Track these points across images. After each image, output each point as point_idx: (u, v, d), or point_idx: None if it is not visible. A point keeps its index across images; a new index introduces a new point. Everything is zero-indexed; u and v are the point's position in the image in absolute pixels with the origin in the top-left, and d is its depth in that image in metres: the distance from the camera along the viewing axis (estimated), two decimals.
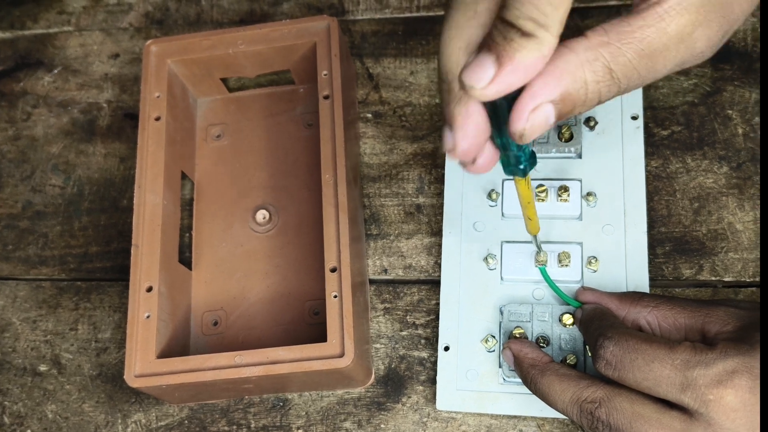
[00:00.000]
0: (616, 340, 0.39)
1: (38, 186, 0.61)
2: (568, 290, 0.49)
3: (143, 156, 0.52)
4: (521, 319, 0.48)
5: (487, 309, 0.49)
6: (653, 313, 0.43)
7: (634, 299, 0.44)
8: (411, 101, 0.59)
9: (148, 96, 0.54)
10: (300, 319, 0.52)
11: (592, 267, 0.49)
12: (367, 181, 0.57)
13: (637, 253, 0.49)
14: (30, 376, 0.55)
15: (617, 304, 0.45)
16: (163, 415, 0.52)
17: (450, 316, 0.50)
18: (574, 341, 0.47)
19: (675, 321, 0.42)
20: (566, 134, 0.51)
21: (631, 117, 0.53)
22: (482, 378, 0.48)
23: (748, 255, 0.52)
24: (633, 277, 0.49)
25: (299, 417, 0.51)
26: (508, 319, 0.48)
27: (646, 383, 0.38)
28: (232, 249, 0.55)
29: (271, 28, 0.55)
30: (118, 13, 0.66)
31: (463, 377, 0.48)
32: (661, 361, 0.37)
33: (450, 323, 0.50)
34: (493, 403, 0.47)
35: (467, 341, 0.49)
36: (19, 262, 0.59)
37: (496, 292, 0.50)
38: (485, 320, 0.49)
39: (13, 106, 0.64)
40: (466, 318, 0.49)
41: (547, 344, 0.47)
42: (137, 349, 0.47)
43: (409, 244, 0.55)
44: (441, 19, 0.62)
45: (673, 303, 0.43)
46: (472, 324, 0.49)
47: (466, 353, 0.49)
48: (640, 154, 0.52)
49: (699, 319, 0.41)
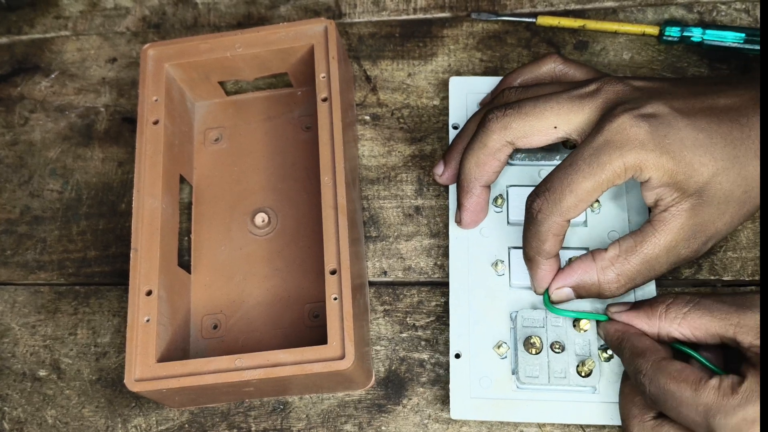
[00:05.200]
0: (650, 377, 0.41)
1: (36, 191, 0.61)
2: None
3: (141, 160, 0.52)
4: (535, 325, 0.47)
5: (497, 315, 0.49)
6: (684, 325, 0.42)
7: (662, 311, 0.43)
8: (409, 103, 0.59)
9: (146, 100, 0.54)
10: (300, 321, 0.52)
11: None
12: (366, 184, 0.57)
13: None
14: (29, 382, 0.55)
15: (647, 322, 0.44)
16: (164, 419, 0.52)
17: (460, 322, 0.49)
18: (589, 345, 0.47)
19: (707, 330, 0.42)
20: (571, 142, 0.51)
21: None
22: (496, 385, 0.47)
23: (747, 254, 0.52)
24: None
25: (300, 420, 0.51)
26: (522, 324, 0.47)
27: (683, 422, 0.40)
28: (231, 252, 0.55)
29: (269, 31, 0.55)
30: (115, 18, 0.66)
31: (477, 385, 0.48)
32: (687, 406, 0.39)
33: (460, 330, 0.49)
34: (509, 410, 0.47)
35: (479, 348, 0.48)
36: (17, 267, 0.58)
37: (505, 298, 0.49)
38: (496, 326, 0.49)
39: (10, 111, 0.64)
40: (476, 325, 0.49)
41: (563, 350, 0.46)
42: (137, 353, 0.47)
43: (409, 245, 0.55)
44: (438, 21, 0.62)
45: (701, 309, 0.42)
46: (483, 330, 0.49)
47: (479, 360, 0.48)
48: None
49: (730, 329, 0.40)
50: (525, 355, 0.47)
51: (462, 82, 0.56)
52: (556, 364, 0.46)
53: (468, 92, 0.56)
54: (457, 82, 0.56)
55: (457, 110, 0.56)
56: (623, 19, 0.60)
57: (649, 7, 0.60)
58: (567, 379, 0.46)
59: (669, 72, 0.57)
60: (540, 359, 0.46)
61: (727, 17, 0.59)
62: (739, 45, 0.56)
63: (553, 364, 0.46)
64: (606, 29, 0.59)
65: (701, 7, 0.59)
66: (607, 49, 0.59)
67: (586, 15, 0.60)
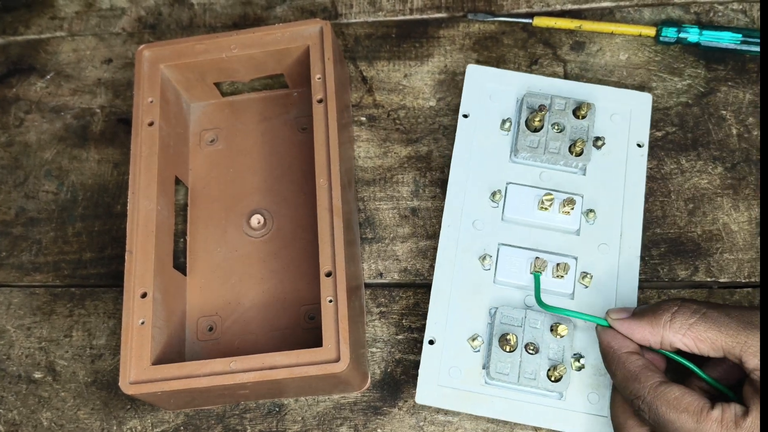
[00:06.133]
0: (649, 404, 0.40)
1: (31, 192, 0.61)
2: (558, 301, 0.48)
3: (137, 161, 0.52)
4: (512, 323, 0.47)
5: (477, 308, 0.49)
6: (688, 336, 0.41)
7: (666, 320, 0.42)
8: (405, 104, 0.59)
9: (141, 101, 0.54)
10: (295, 323, 0.52)
11: (584, 282, 0.49)
12: (362, 185, 0.57)
13: (628, 276, 0.49)
14: (25, 384, 0.55)
15: (650, 330, 0.42)
16: (159, 421, 0.52)
17: (439, 310, 0.49)
18: (563, 351, 0.47)
19: (713, 344, 0.40)
20: (578, 149, 0.51)
21: (636, 144, 0.53)
22: (465, 377, 0.48)
23: (744, 255, 0.52)
24: (622, 298, 0.49)
25: (295, 422, 0.51)
26: (500, 321, 0.48)
27: None
28: (226, 254, 0.55)
29: (265, 32, 0.54)
30: (111, 18, 0.66)
31: (446, 374, 0.48)
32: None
33: (438, 317, 0.49)
34: (474, 403, 0.47)
35: (453, 338, 0.49)
36: (12, 268, 0.58)
37: (488, 293, 0.50)
38: (474, 319, 0.49)
39: (5, 112, 0.64)
40: (454, 314, 0.49)
41: (537, 352, 0.47)
42: (132, 355, 0.47)
43: (404, 247, 0.55)
44: (434, 22, 0.62)
45: (708, 321, 0.41)
46: (461, 321, 0.49)
47: (451, 350, 0.48)
48: (642, 180, 0.52)
49: (737, 347, 0.40)
50: (498, 352, 0.47)
51: (479, 72, 0.55)
52: (528, 364, 0.46)
53: (484, 83, 0.55)
54: (474, 70, 0.55)
55: (470, 99, 0.54)
56: (620, 20, 0.59)
57: (646, 7, 0.60)
58: (536, 381, 0.46)
59: (665, 72, 0.57)
60: (513, 357, 0.46)
61: (724, 18, 0.59)
62: (736, 46, 0.56)
63: (525, 364, 0.46)
64: (602, 30, 0.59)
65: (698, 8, 0.59)
66: (604, 50, 0.59)
67: (582, 15, 0.60)
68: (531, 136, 0.51)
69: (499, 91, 0.54)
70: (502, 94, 0.54)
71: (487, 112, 0.54)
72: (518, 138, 0.52)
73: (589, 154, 0.51)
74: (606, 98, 0.54)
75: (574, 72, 0.58)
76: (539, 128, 0.52)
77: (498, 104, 0.54)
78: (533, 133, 0.52)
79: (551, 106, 0.52)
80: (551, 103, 0.52)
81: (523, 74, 0.55)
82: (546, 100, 0.52)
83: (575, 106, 0.52)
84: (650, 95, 0.54)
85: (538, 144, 0.51)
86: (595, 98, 0.53)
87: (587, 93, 0.54)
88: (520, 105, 0.53)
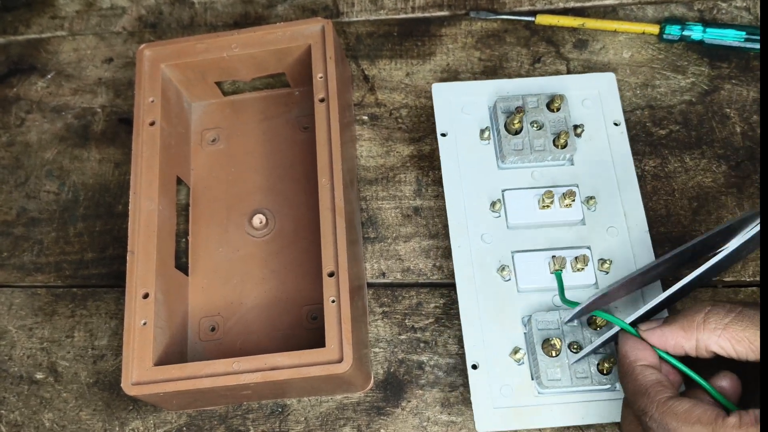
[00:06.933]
0: (657, 420, 0.38)
1: (33, 192, 0.60)
2: (583, 293, 0.48)
3: (138, 162, 0.52)
4: (549, 327, 0.47)
5: (509, 321, 0.48)
6: (724, 336, 0.38)
7: (699, 321, 0.39)
8: (407, 103, 0.58)
9: (142, 101, 0.53)
10: (298, 324, 0.52)
11: (604, 269, 0.49)
12: (364, 184, 0.56)
13: (643, 253, 0.49)
14: (26, 384, 0.54)
15: (684, 335, 0.40)
16: (161, 422, 0.52)
17: (473, 332, 0.48)
18: (609, 345, 0.46)
19: (751, 344, 0.38)
20: (562, 141, 0.51)
21: (613, 123, 0.53)
22: (516, 392, 0.47)
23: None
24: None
25: (298, 423, 0.51)
26: (537, 327, 0.47)
27: None
28: (228, 254, 0.55)
29: (266, 31, 0.54)
30: (112, 17, 0.66)
31: (498, 394, 0.47)
32: None
33: (474, 340, 0.48)
34: (533, 416, 0.46)
35: (495, 356, 0.48)
36: (14, 269, 0.58)
37: (515, 303, 0.49)
38: (510, 332, 0.48)
39: (6, 112, 0.64)
40: (489, 332, 0.48)
41: (581, 349, 0.46)
42: (134, 356, 0.47)
43: (407, 247, 0.54)
44: (436, 20, 0.61)
45: (745, 319, 0.38)
46: (497, 338, 0.48)
47: (496, 369, 0.47)
48: (629, 157, 0.52)
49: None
50: (545, 359, 0.46)
51: (445, 89, 0.55)
52: (577, 364, 0.46)
53: (453, 98, 0.55)
54: (441, 88, 0.55)
55: (443, 117, 0.54)
56: (623, 17, 0.59)
57: (649, 5, 0.59)
58: (589, 379, 0.45)
59: (669, 70, 0.57)
60: (560, 360, 0.46)
61: (728, 15, 0.58)
62: (739, 43, 0.56)
63: (575, 364, 0.46)
64: (606, 28, 0.58)
65: (701, 5, 0.59)
66: (607, 48, 0.58)
67: (585, 13, 0.60)
68: (514, 139, 0.51)
69: (470, 103, 0.54)
70: (473, 105, 0.54)
71: (463, 126, 0.54)
72: (502, 144, 0.52)
73: (574, 144, 0.51)
74: (573, 86, 0.54)
75: (578, 70, 0.58)
76: (520, 130, 0.52)
77: (472, 116, 0.54)
78: (515, 136, 0.52)
79: (525, 105, 0.52)
80: (524, 102, 0.52)
81: (487, 81, 0.55)
82: (518, 101, 0.52)
83: (548, 101, 0.52)
84: (613, 74, 0.55)
85: (522, 145, 0.51)
86: (562, 89, 0.54)
87: (553, 85, 0.54)
88: (493, 112, 0.53)
